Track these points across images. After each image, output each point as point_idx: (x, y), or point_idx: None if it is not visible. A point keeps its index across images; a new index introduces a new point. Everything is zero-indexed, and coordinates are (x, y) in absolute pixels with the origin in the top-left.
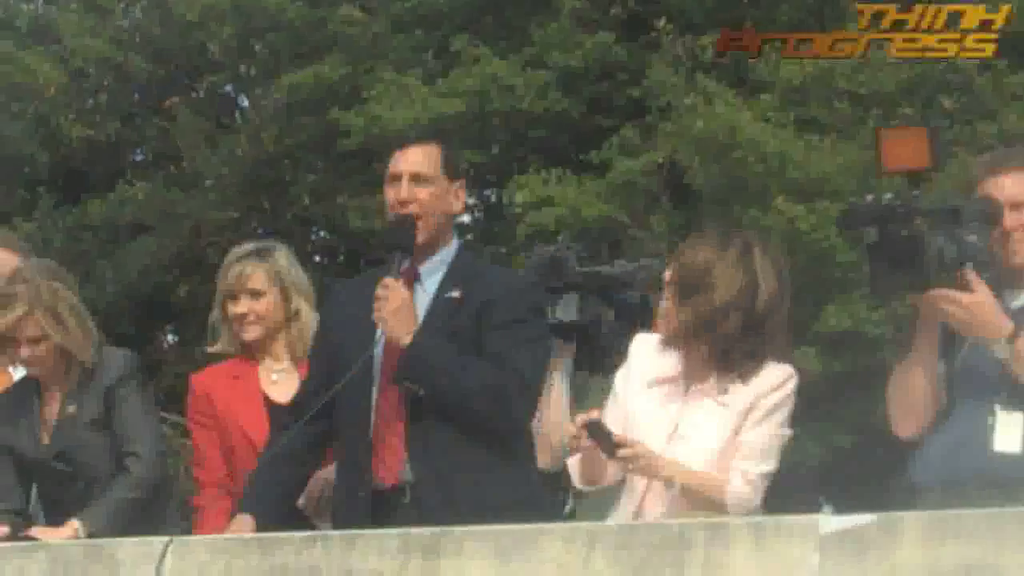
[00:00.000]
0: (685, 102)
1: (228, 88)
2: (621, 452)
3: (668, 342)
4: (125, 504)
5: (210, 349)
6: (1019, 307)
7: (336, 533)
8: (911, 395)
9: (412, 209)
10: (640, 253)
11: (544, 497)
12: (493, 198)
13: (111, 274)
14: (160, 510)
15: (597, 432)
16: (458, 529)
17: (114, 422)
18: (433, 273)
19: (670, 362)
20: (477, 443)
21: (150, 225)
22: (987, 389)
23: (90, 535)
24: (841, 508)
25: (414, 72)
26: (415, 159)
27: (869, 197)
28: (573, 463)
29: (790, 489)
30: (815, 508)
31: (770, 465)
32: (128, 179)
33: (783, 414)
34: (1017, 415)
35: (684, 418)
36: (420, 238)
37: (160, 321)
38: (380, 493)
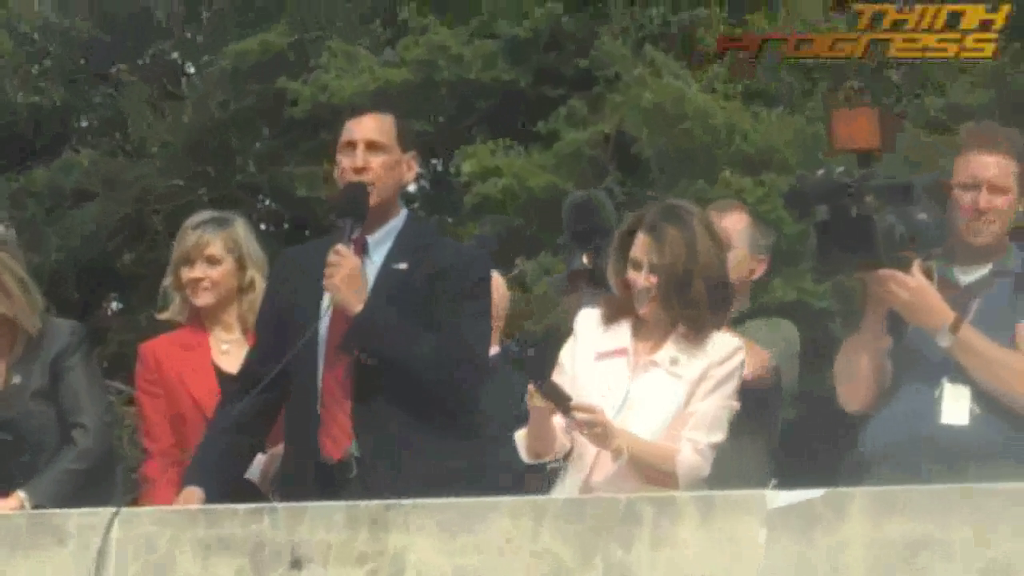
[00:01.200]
0: (633, 73)
1: (174, 55)
2: (579, 414)
3: (615, 315)
4: (71, 475)
5: (160, 316)
6: (970, 283)
7: (283, 505)
8: (859, 371)
9: (366, 177)
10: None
11: (494, 469)
12: (440, 167)
13: (56, 241)
14: (106, 480)
15: (552, 393)
16: (405, 502)
17: (60, 393)
18: (381, 243)
19: (618, 335)
20: (425, 416)
21: (95, 192)
22: (935, 361)
23: (36, 506)
24: (786, 480)
25: (362, 41)
26: (370, 127)
27: (820, 172)
28: (520, 436)
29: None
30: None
31: (719, 436)
32: (73, 146)
33: (732, 385)
34: (964, 388)
35: (634, 389)
36: (371, 204)
37: (105, 288)
38: (327, 467)
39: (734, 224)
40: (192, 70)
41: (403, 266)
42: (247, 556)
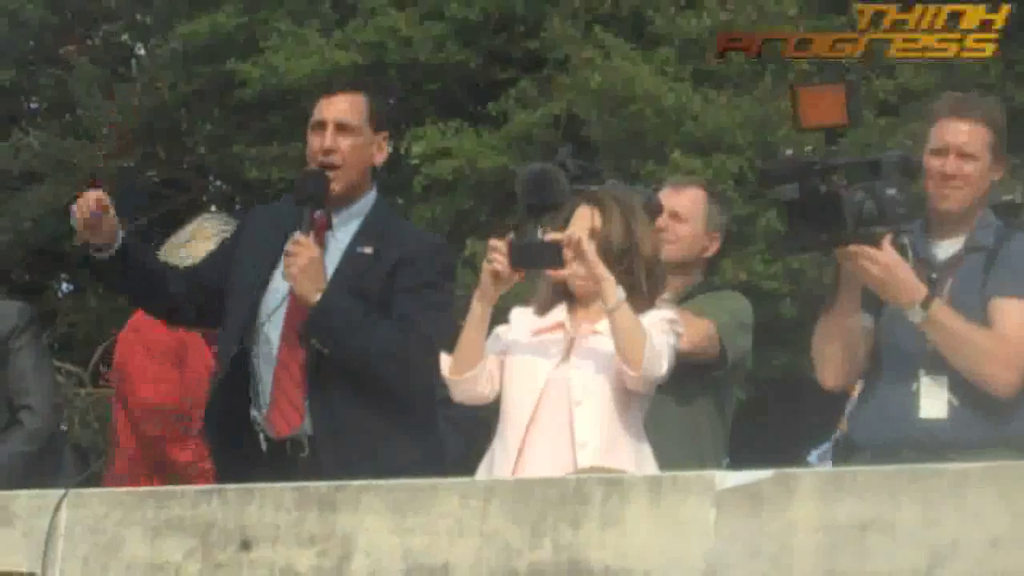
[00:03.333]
0: (583, 55)
1: (124, 37)
2: (568, 238)
3: (550, 298)
4: (18, 458)
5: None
6: (944, 259)
7: (232, 487)
8: (835, 347)
9: (334, 159)
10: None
11: (444, 461)
12: (390, 149)
13: (5, 222)
14: (54, 462)
15: (525, 249)
16: (354, 483)
17: (7, 375)
18: (347, 224)
19: (553, 314)
20: (378, 403)
21: (45, 174)
22: (912, 349)
23: None
24: (737, 460)
25: (311, 23)
26: (341, 108)
27: (788, 152)
28: (445, 357)
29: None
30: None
31: (670, 351)
32: (23, 127)
33: (673, 338)
34: (941, 379)
35: (575, 351)
36: (338, 188)
37: (54, 270)
38: (277, 444)
39: (691, 200)
40: (142, 52)
41: (368, 250)
42: (197, 537)
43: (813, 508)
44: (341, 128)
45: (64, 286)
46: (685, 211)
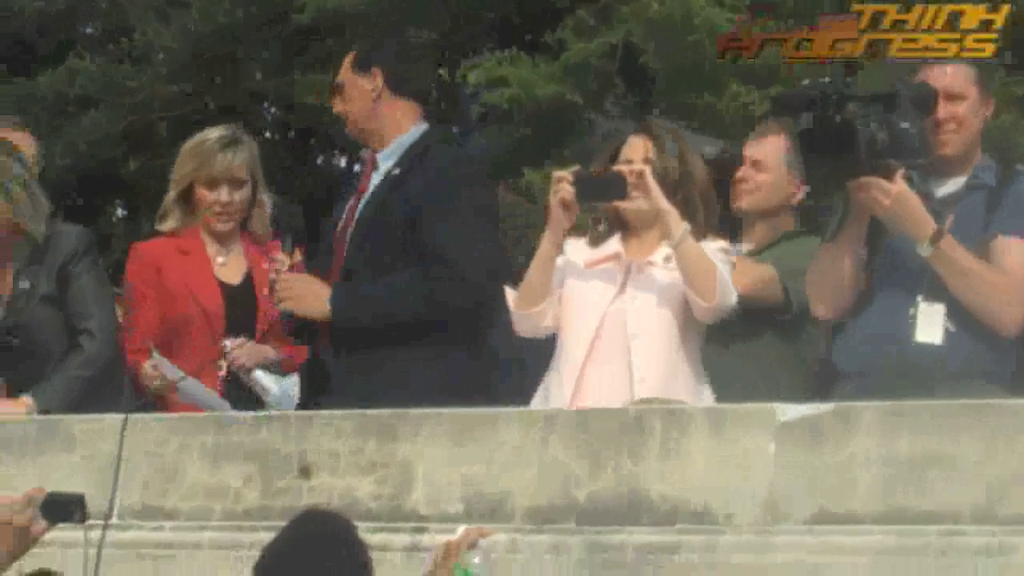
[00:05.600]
0: None
1: None
2: (632, 171)
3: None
4: (78, 382)
5: (160, 227)
6: (945, 196)
7: (292, 413)
8: (833, 278)
9: (340, 114)
10: (591, 134)
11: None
12: (446, 77)
13: (60, 148)
14: (113, 387)
15: (588, 181)
16: (414, 411)
17: (67, 299)
18: (390, 157)
19: (607, 246)
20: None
21: (100, 99)
22: (910, 279)
23: (42, 411)
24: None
25: None
26: (341, 71)
27: (805, 82)
28: (510, 290)
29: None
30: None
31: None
32: (78, 52)
33: (728, 268)
34: (939, 306)
35: (631, 285)
36: (356, 135)
37: (109, 195)
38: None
39: (771, 147)
40: None
41: (398, 171)
42: (256, 463)
43: (873, 442)
44: (338, 90)
45: (119, 211)
46: (765, 159)
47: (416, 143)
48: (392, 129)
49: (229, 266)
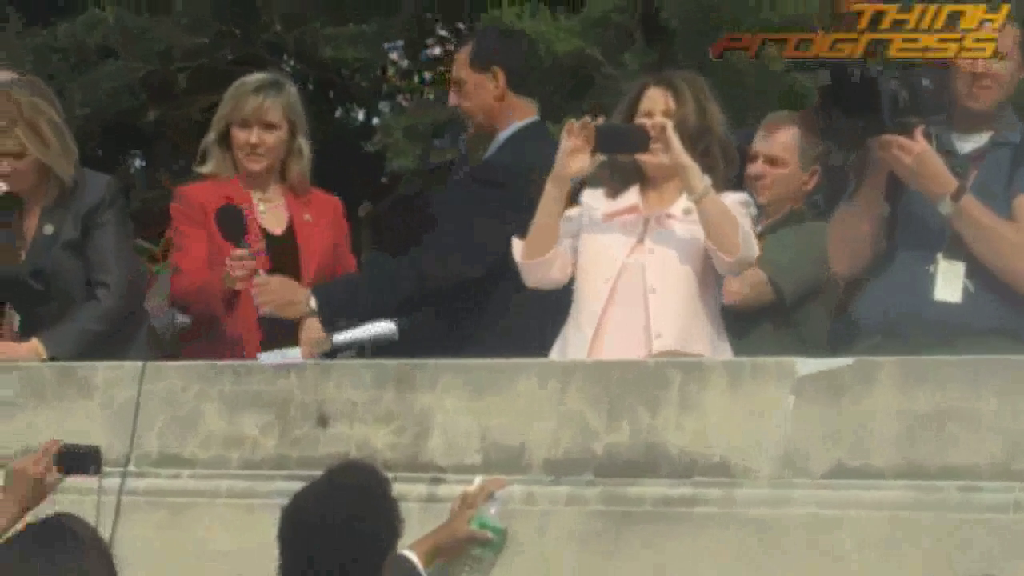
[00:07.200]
0: None
1: None
2: (654, 124)
3: (623, 179)
4: (89, 335)
5: (200, 169)
6: (968, 152)
7: (310, 362)
8: (852, 235)
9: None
10: (607, 91)
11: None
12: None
13: (79, 97)
14: (132, 337)
15: (609, 133)
16: (432, 362)
17: (88, 247)
18: (492, 148)
19: (627, 196)
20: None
21: (119, 49)
22: (931, 236)
23: (50, 358)
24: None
25: None
26: (454, 66)
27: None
28: (517, 241)
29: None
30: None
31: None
32: (98, 2)
33: (749, 221)
34: (958, 264)
35: (650, 239)
36: (473, 129)
37: (128, 145)
38: None
39: (785, 141)
40: None
41: (465, 168)
42: (274, 412)
43: (892, 396)
44: (456, 87)
45: (138, 162)
46: (779, 154)
47: (512, 136)
48: (504, 124)
49: (271, 215)
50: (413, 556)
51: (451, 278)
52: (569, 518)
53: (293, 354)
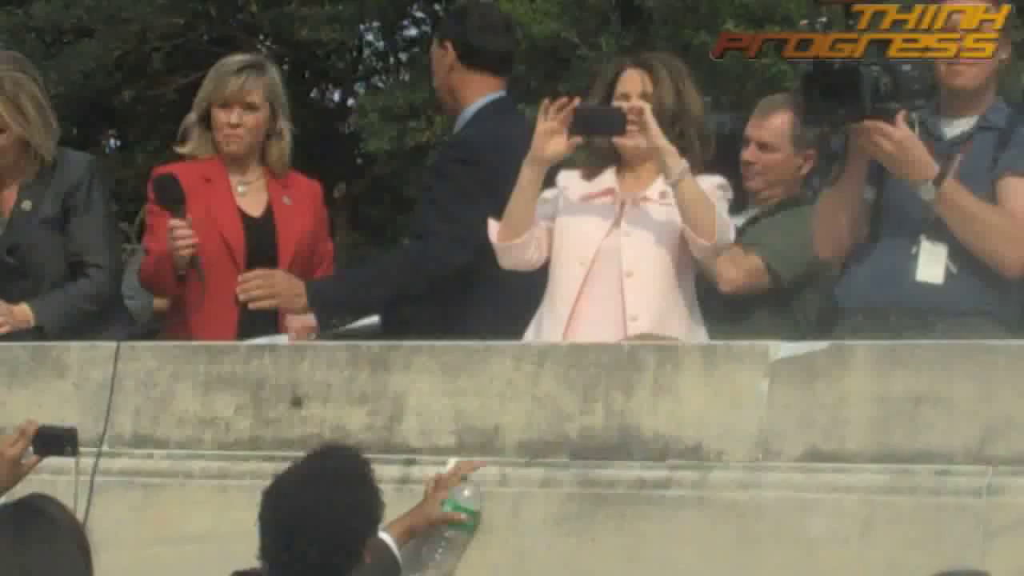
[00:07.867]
0: None
1: None
2: (632, 107)
3: (598, 162)
4: (81, 313)
5: (180, 149)
6: (955, 136)
7: (284, 344)
8: (835, 219)
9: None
10: (583, 73)
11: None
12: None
13: (54, 76)
14: (109, 316)
15: (587, 115)
16: (407, 343)
17: (72, 228)
18: (458, 127)
19: (603, 179)
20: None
21: (95, 28)
22: (913, 220)
23: (37, 326)
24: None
25: None
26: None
27: (803, 23)
28: (492, 222)
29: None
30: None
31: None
32: None
33: (726, 204)
34: (941, 247)
35: (626, 221)
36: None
37: (102, 125)
38: None
39: (777, 126)
40: None
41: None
42: (248, 393)
43: (867, 381)
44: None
45: (112, 142)
46: (772, 140)
47: (477, 113)
48: (465, 100)
49: (249, 197)
50: (388, 537)
51: (444, 269)
52: (543, 500)
53: (281, 341)
